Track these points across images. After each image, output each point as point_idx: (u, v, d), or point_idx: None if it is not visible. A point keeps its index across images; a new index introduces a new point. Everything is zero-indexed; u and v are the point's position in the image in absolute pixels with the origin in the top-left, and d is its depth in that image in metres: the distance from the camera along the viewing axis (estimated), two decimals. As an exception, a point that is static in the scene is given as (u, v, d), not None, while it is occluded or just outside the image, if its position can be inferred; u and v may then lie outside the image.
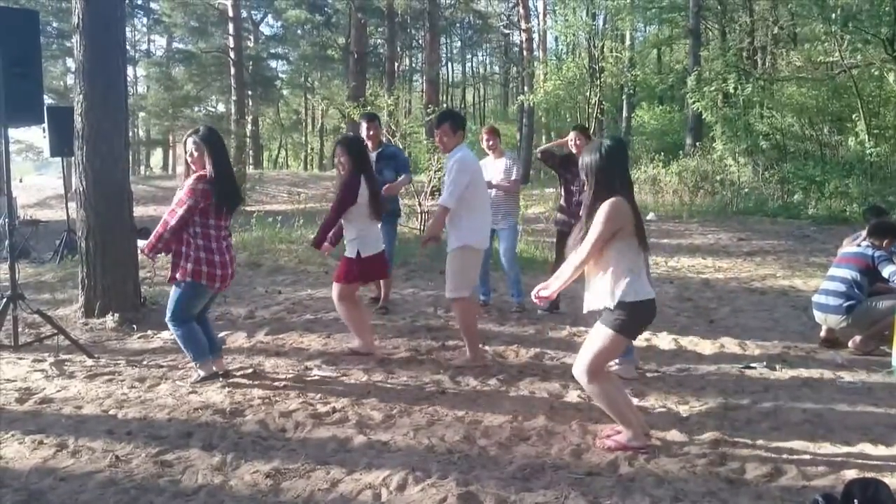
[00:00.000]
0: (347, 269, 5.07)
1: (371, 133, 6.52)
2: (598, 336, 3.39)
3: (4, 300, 5.07)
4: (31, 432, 3.60)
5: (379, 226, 5.26)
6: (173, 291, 4.35)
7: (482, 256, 5.11)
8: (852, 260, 5.58)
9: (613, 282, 3.32)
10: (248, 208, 16.10)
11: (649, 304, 3.38)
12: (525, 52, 27.94)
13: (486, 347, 5.33)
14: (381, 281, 6.51)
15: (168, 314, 4.36)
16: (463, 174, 4.76)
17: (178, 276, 4.28)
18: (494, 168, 6.49)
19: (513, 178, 6.49)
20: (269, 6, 32.50)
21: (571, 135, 6.13)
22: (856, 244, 5.78)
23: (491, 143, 6.59)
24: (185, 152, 4.35)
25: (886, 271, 5.34)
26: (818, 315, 5.63)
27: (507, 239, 6.55)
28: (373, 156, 6.41)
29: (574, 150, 6.07)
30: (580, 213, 3.57)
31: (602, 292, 3.37)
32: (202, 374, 4.48)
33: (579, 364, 3.44)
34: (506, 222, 6.51)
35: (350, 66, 26.09)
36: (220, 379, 4.47)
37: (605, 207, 3.29)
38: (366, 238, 5.05)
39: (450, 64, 46.27)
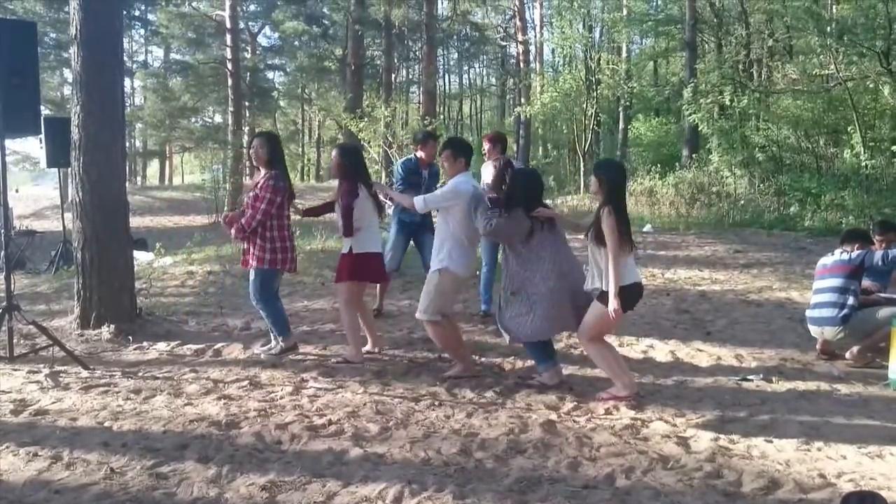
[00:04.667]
0: (340, 266, 5.27)
1: (431, 151, 6.56)
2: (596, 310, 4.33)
3: (0, 311, 5.05)
4: (26, 444, 3.59)
5: (377, 227, 5.43)
6: (253, 276, 5.15)
7: (461, 285, 5.15)
8: (835, 269, 5.55)
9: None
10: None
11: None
12: (522, 64, 28.08)
13: (483, 359, 5.33)
14: (379, 287, 6.63)
15: (253, 296, 5.18)
16: (450, 193, 4.79)
17: (254, 263, 5.09)
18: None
19: None
20: (266, 18, 32.64)
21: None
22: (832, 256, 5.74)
23: (488, 150, 6.54)
24: (250, 150, 5.26)
25: (878, 255, 5.36)
26: (814, 329, 5.60)
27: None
28: (426, 172, 6.58)
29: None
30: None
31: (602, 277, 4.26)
32: (283, 346, 5.26)
33: (583, 332, 4.46)
34: None
35: (347, 78, 26.17)
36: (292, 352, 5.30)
37: (615, 216, 4.18)
38: (359, 236, 5.13)
39: (447, 75, 46.43)
